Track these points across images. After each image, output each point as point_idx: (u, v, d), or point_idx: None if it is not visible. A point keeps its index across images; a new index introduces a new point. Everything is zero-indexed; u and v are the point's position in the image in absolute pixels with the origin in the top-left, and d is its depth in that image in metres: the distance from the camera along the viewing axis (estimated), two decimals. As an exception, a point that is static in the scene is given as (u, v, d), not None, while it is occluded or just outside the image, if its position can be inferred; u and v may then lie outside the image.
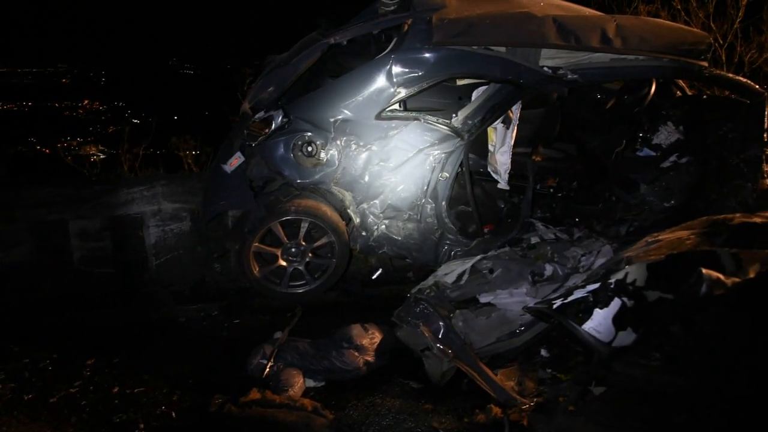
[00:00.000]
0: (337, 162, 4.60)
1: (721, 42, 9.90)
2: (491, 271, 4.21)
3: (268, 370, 3.79)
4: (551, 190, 5.04)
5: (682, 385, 2.20)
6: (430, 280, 4.23)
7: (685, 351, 2.50)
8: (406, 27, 4.37)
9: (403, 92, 4.37)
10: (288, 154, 4.56)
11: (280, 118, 4.54)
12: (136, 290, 5.23)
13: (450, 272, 4.28)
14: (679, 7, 10.01)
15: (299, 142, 4.54)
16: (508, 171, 4.68)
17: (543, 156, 4.81)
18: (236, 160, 4.66)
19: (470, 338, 3.74)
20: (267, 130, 4.55)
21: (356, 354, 3.91)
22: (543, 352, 3.73)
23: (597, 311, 2.19)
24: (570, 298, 2.36)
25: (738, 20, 9.84)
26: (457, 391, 3.64)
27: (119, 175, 6.71)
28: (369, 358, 3.92)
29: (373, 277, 5.36)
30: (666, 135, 5.04)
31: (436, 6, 4.35)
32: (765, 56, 9.86)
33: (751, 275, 1.97)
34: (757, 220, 2.99)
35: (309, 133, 4.53)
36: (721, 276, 1.89)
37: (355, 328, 4.06)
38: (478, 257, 4.36)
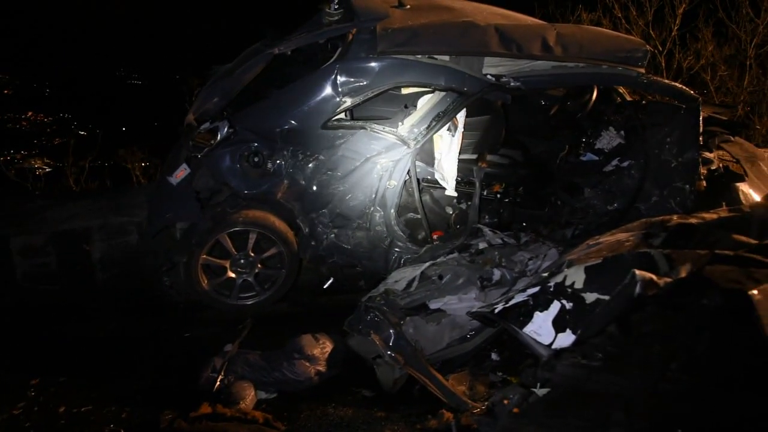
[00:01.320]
0: (284, 172, 4.59)
1: (661, 49, 10.22)
2: (440, 277, 4.24)
3: (218, 383, 3.74)
4: (498, 195, 5.10)
5: (621, 384, 2.26)
6: (381, 288, 4.24)
7: (624, 350, 2.57)
8: (350, 37, 4.39)
9: (348, 101, 4.38)
10: (234, 164, 4.53)
11: (225, 129, 4.51)
12: (83, 306, 5.12)
13: (400, 279, 4.29)
14: (620, 15, 10.31)
15: (245, 153, 4.51)
16: (455, 178, 4.73)
17: (489, 162, 4.87)
18: (182, 172, 4.61)
19: (421, 345, 3.76)
20: (213, 141, 4.51)
21: (307, 364, 3.89)
22: (494, 356, 3.76)
23: (537, 314, 2.23)
24: (511, 302, 2.40)
25: (676, 28, 10.18)
26: (409, 397, 3.64)
27: (64, 188, 6.58)
28: (320, 368, 3.90)
29: (325, 286, 5.34)
30: (608, 140, 5.17)
31: (379, 15, 4.38)
32: (702, 63, 10.22)
33: (683, 275, 2.04)
34: (693, 220, 3.09)
35: (255, 144, 4.51)
36: (653, 277, 1.95)
37: (305, 339, 4.04)
38: (428, 264, 4.38)
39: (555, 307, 2.22)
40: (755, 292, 1.71)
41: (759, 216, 3.02)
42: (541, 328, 2.20)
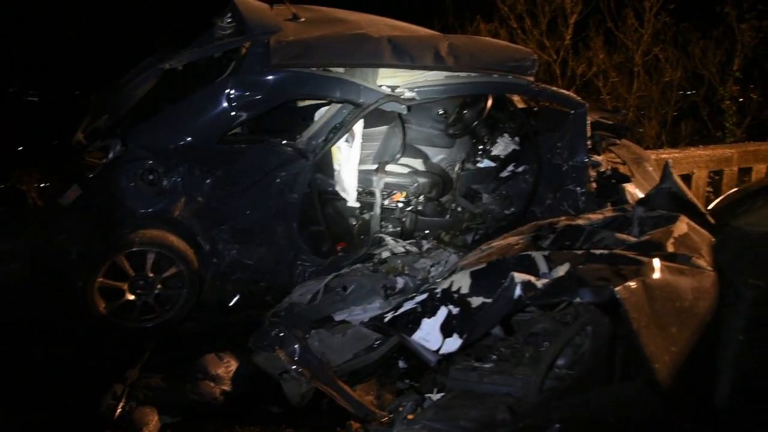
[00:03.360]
0: (180, 189, 4.49)
1: (555, 57, 10.66)
2: (345, 288, 4.24)
3: (119, 410, 3.60)
4: (400, 204, 5.16)
5: (511, 384, 2.33)
6: (285, 302, 4.21)
7: (515, 350, 2.65)
8: (244, 50, 4.36)
9: (244, 115, 4.34)
10: (128, 183, 4.41)
11: (118, 147, 4.37)
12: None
13: (305, 292, 4.27)
14: (515, 25, 10.67)
15: (139, 171, 4.40)
16: (355, 188, 4.75)
17: (389, 172, 4.92)
18: (74, 192, 4.44)
19: (327, 357, 3.75)
20: (104, 160, 4.37)
21: (212, 384, 3.82)
22: (401, 364, 3.79)
23: (425, 321, 2.27)
24: (400, 311, 2.43)
25: (569, 37, 10.64)
26: (317, 410, 3.63)
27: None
28: (226, 387, 3.83)
29: (231, 303, 5.25)
30: (503, 146, 5.33)
31: (272, 29, 4.37)
32: (594, 70, 10.71)
33: (561, 275, 2.12)
34: (580, 221, 3.21)
35: (149, 161, 4.40)
36: (532, 278, 2.02)
37: (208, 358, 3.96)
38: (332, 275, 4.38)
39: (442, 312, 2.25)
40: (621, 288, 1.79)
41: (639, 214, 3.17)
42: (429, 334, 2.23)
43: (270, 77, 4.30)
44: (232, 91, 4.28)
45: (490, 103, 5.18)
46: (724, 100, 11.64)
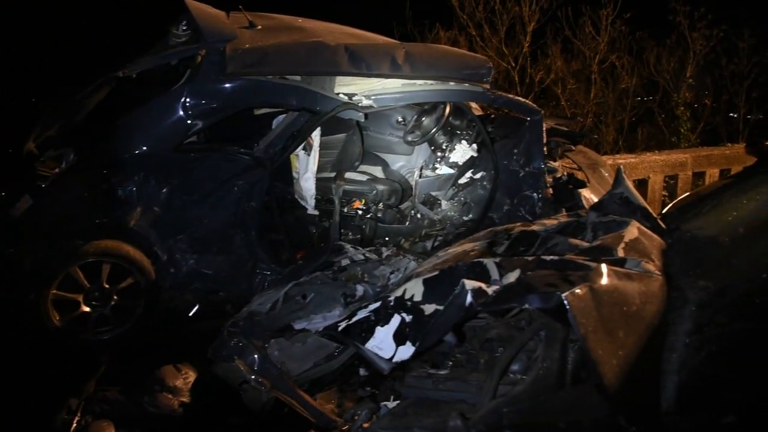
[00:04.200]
0: (136, 198, 4.43)
1: (514, 65, 10.79)
2: (304, 296, 4.22)
3: (75, 424, 3.55)
4: (359, 212, 5.17)
5: (465, 390, 2.34)
6: (245, 312, 4.17)
7: (471, 357, 2.66)
8: (199, 58, 4.33)
9: (200, 124, 4.31)
10: (82, 193, 4.34)
11: (71, 156, 4.30)
12: None
13: (264, 301, 4.24)
14: (474, 33, 10.78)
15: (94, 180, 4.32)
16: (314, 196, 4.75)
17: (347, 180, 4.92)
18: (25, 203, 4.35)
19: (288, 366, 3.72)
20: (57, 170, 4.30)
21: (170, 396, 3.78)
22: (362, 371, 3.78)
23: (378, 329, 2.27)
24: (354, 319, 2.43)
25: (527, 45, 10.79)
26: (277, 420, 3.60)
27: None
28: (184, 399, 3.80)
29: (190, 314, 5.19)
30: (461, 153, 5.37)
31: (227, 36, 4.35)
32: (552, 77, 10.88)
33: (511, 281, 2.14)
34: (535, 227, 3.25)
35: (104, 171, 4.33)
36: (482, 285, 2.03)
37: (166, 370, 3.93)
38: (291, 284, 4.36)
39: (395, 320, 2.26)
40: (568, 294, 1.82)
41: (592, 220, 3.22)
42: (382, 342, 2.23)
43: (226, 85, 4.28)
44: (188, 100, 4.24)
45: (448, 110, 5.22)
46: (678, 106, 11.93)
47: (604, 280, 2.02)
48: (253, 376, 3.56)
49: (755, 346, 1.97)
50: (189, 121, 4.27)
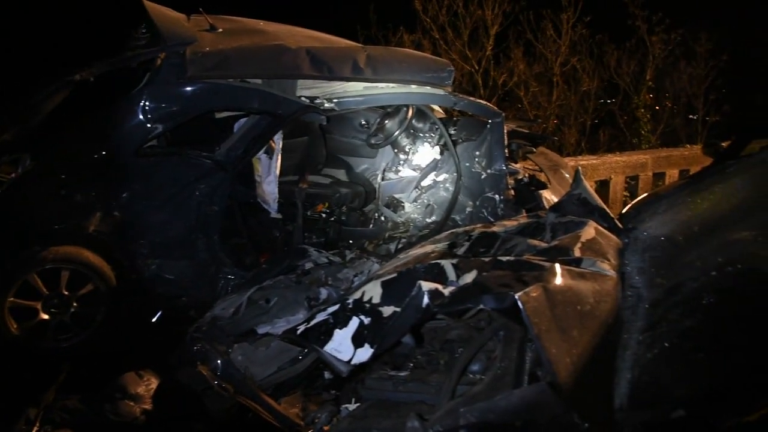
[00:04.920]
0: (96, 203, 4.36)
1: (477, 68, 10.88)
2: (268, 300, 4.20)
3: (33, 435, 3.48)
4: (323, 215, 5.16)
5: (425, 391, 2.36)
6: (208, 317, 4.14)
7: (431, 358, 2.68)
8: (159, 61, 4.28)
9: (160, 127, 4.26)
10: (40, 198, 4.26)
11: (27, 161, 4.23)
12: None
13: (227, 306, 4.21)
14: (438, 36, 10.84)
15: (53, 186, 4.25)
16: (276, 200, 4.73)
17: (311, 183, 4.92)
18: (-21, 209, 4.26)
19: (251, 371, 3.70)
20: (14, 174, 4.22)
21: (132, 404, 3.72)
22: (326, 375, 3.78)
23: (337, 332, 2.27)
24: (313, 322, 2.43)
25: (490, 48, 10.88)
26: (241, 426, 3.57)
27: None
28: (146, 406, 3.74)
29: (153, 319, 5.12)
30: (424, 155, 5.40)
31: (187, 39, 4.31)
32: (515, 80, 10.99)
33: (468, 282, 2.16)
34: (495, 228, 3.28)
35: (62, 175, 4.26)
36: (439, 287, 2.05)
37: (128, 377, 3.86)
38: (255, 288, 4.33)
39: (354, 323, 2.26)
40: (521, 294, 1.84)
41: (551, 220, 3.27)
42: (341, 345, 2.23)
43: (186, 89, 4.25)
44: (148, 103, 4.20)
45: (410, 113, 5.24)
46: (638, 108, 12.16)
47: (558, 280, 2.05)
48: (216, 382, 3.53)
49: (703, 343, 2.01)
50: (149, 125, 4.23)
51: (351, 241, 5.23)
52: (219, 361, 3.62)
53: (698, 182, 3.56)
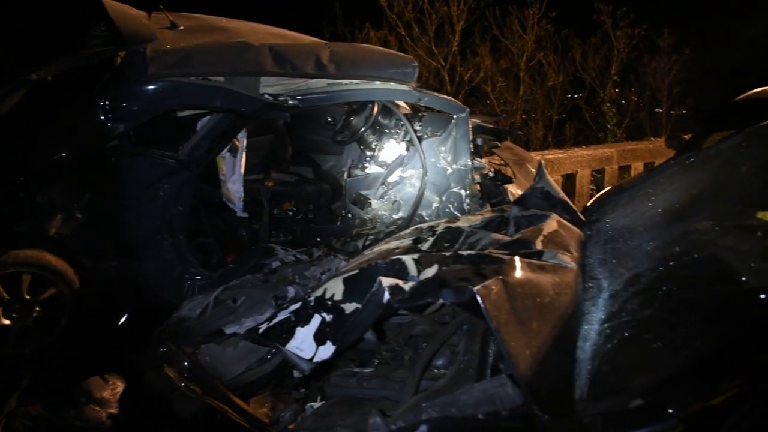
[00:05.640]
0: (57, 205, 4.29)
1: (444, 64, 10.91)
2: (235, 300, 4.17)
3: (-5, 443, 3.42)
4: (290, 213, 5.14)
5: (389, 387, 2.36)
6: (174, 318, 4.10)
7: (396, 353, 2.68)
8: (119, 60, 4.22)
9: (121, 127, 4.19)
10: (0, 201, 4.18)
11: (-15, 163, 4.14)
12: None
13: (194, 307, 4.17)
14: (403, 32, 10.85)
15: (11, 188, 4.17)
16: (242, 199, 4.69)
17: (276, 181, 4.89)
18: (-65, 213, 4.17)
19: (219, 371, 3.66)
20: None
21: (97, 408, 3.67)
22: (295, 373, 3.76)
23: (299, 330, 2.26)
24: (275, 321, 2.42)
25: (456, 44, 10.92)
26: (210, 427, 3.54)
27: None
28: (113, 411, 3.69)
29: (119, 322, 5.05)
30: (390, 152, 5.40)
31: (147, 37, 4.24)
32: (481, 75, 11.05)
33: (429, 276, 2.16)
34: (460, 224, 3.29)
35: (20, 177, 4.18)
36: (399, 282, 2.05)
37: (93, 381, 3.81)
38: (221, 288, 4.30)
39: (316, 320, 2.25)
40: (479, 287, 1.85)
41: (515, 214, 3.28)
42: (303, 343, 2.22)
43: (147, 87, 4.18)
44: (108, 103, 4.12)
45: (376, 109, 5.24)
46: (604, 102, 12.30)
47: (517, 273, 2.06)
48: (183, 384, 3.49)
49: (661, 332, 2.04)
50: (110, 125, 4.15)
51: (318, 239, 5.21)
52: (186, 363, 3.58)
53: (659, 174, 3.61)
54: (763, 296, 2.04)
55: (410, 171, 5.24)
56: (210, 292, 4.28)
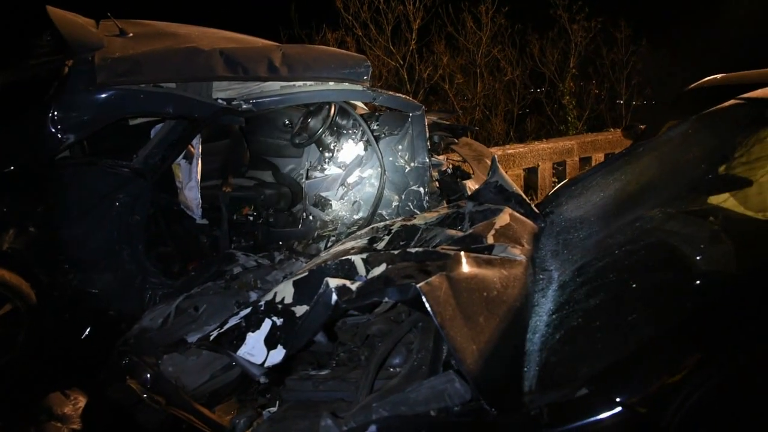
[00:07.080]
0: (8, 219, 4.21)
1: (402, 63, 10.93)
2: (196, 308, 4.13)
3: (-48, 464, 3.34)
4: (250, 218, 5.10)
5: (345, 389, 2.35)
6: (135, 329, 4.04)
7: (353, 354, 2.68)
8: (66, 69, 4.15)
9: (72, 137, 4.12)
10: None
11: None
12: None
13: (155, 316, 4.12)
14: (360, 33, 10.84)
15: None
16: (200, 205, 4.65)
17: (234, 186, 4.85)
18: None
19: (183, 381, 3.62)
20: None
21: (59, 425, 3.61)
22: (262, 379, 3.73)
23: (250, 335, 2.24)
24: (225, 327, 2.39)
25: (413, 42, 10.94)
26: (176, 437, 3.50)
27: None
28: (75, 426, 3.64)
29: (82, 336, 4.98)
30: (349, 152, 5.39)
31: (94, 45, 4.18)
32: (440, 73, 11.09)
33: (377, 274, 2.16)
34: (416, 221, 3.30)
35: None
36: (347, 283, 2.04)
37: (53, 398, 3.75)
38: (183, 296, 4.26)
39: (266, 325, 2.24)
40: (423, 284, 1.85)
41: (470, 209, 3.30)
42: (254, 348, 2.21)
43: (96, 96, 4.11)
44: (56, 113, 4.05)
45: (333, 110, 5.23)
46: (564, 95, 12.44)
47: (463, 268, 2.07)
48: (146, 395, 3.45)
49: (606, 320, 2.06)
50: (60, 135, 4.08)
51: (280, 243, 5.18)
52: (149, 374, 3.54)
53: (611, 164, 3.66)
54: (712, 280, 2.09)
55: (369, 171, 5.25)
56: (171, 301, 4.23)
